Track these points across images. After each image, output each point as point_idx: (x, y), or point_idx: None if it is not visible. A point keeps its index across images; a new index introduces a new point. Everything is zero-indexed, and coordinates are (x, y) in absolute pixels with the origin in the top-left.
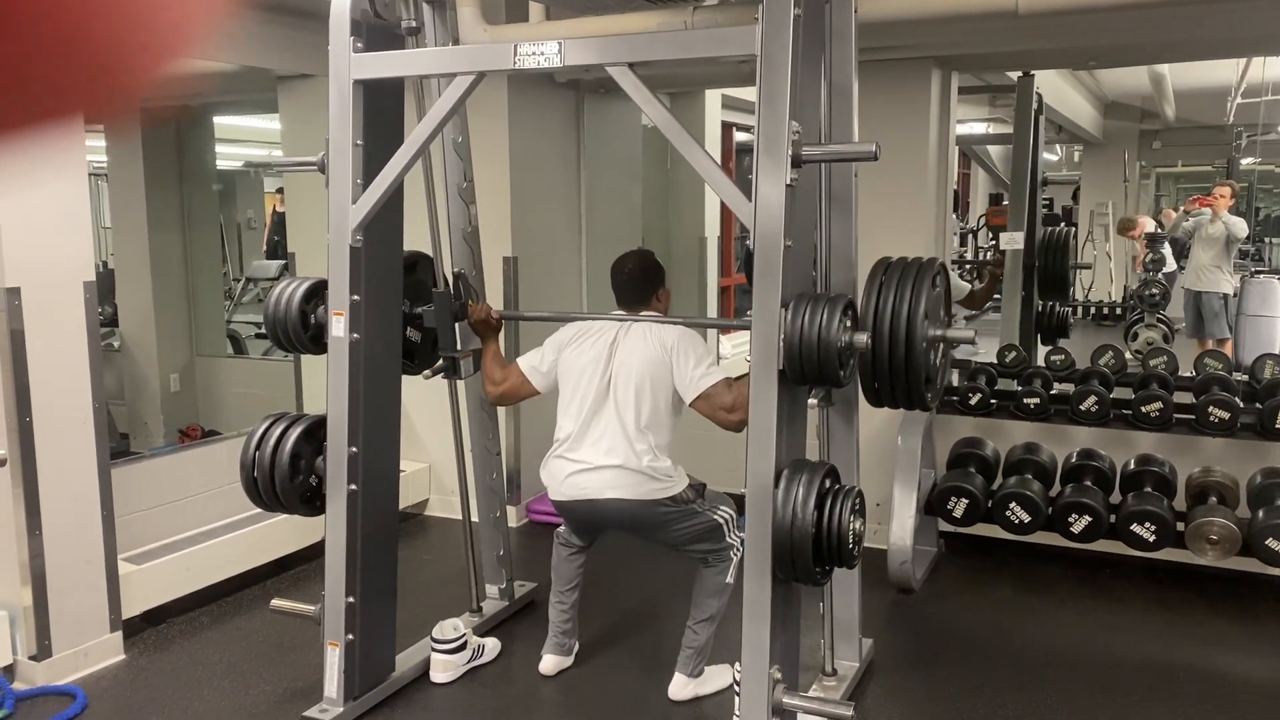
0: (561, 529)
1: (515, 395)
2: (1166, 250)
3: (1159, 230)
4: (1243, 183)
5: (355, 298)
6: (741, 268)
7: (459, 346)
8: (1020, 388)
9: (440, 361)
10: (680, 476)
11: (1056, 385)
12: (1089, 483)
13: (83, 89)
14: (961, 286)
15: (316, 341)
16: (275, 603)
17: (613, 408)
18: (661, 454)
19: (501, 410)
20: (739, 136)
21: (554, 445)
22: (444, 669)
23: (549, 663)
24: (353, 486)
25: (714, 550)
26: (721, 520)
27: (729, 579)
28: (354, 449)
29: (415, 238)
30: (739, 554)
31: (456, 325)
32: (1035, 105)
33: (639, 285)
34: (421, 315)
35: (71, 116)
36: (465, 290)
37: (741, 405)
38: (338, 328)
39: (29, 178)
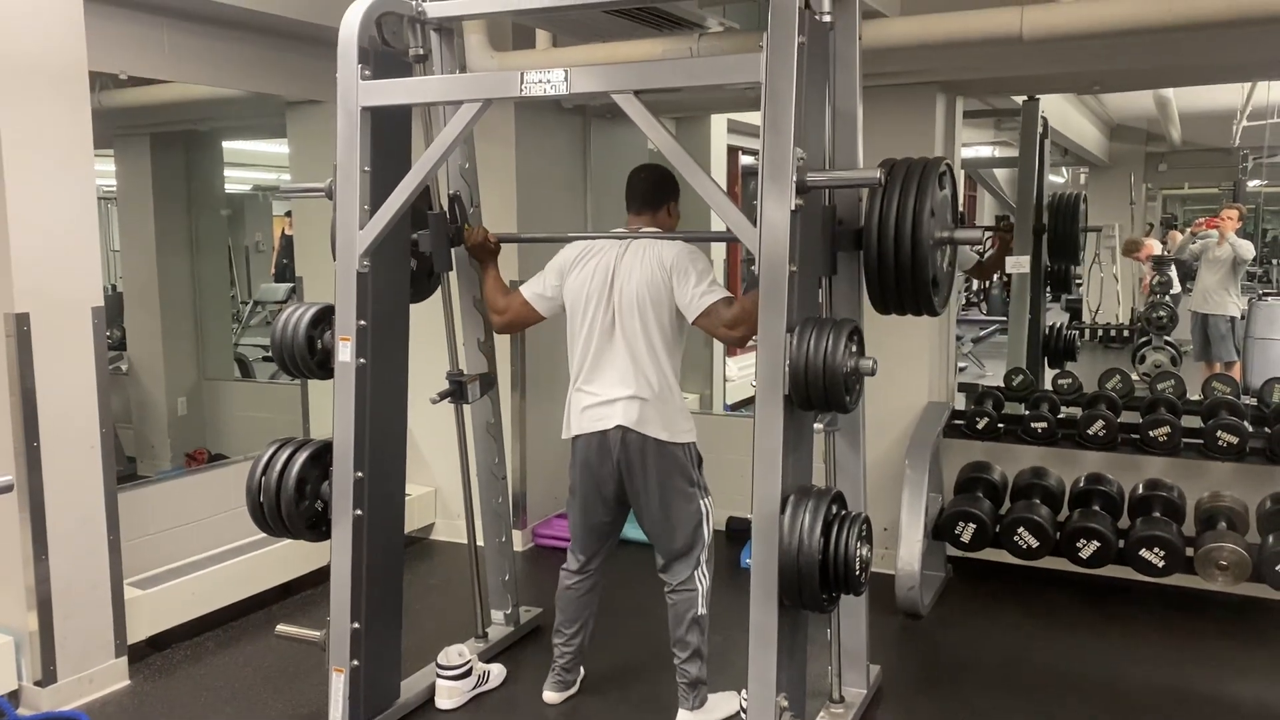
0: (566, 563)
1: (521, 323)
2: (1173, 272)
3: (1165, 253)
4: (1249, 205)
5: (362, 323)
6: (747, 291)
7: (452, 267)
8: (1028, 411)
9: (446, 385)
10: (690, 427)
11: (1064, 409)
12: (1097, 507)
13: None
14: (969, 256)
15: (323, 367)
16: (280, 628)
17: (620, 337)
18: (674, 383)
19: (508, 434)
20: (745, 160)
21: (571, 383)
22: (449, 695)
23: (551, 697)
24: (358, 511)
25: (679, 557)
26: (704, 511)
27: (701, 610)
28: (360, 474)
29: None
30: (706, 581)
31: (454, 251)
32: (1040, 129)
33: (654, 188)
34: (417, 240)
35: None
36: (461, 213)
37: (744, 320)
38: (344, 353)
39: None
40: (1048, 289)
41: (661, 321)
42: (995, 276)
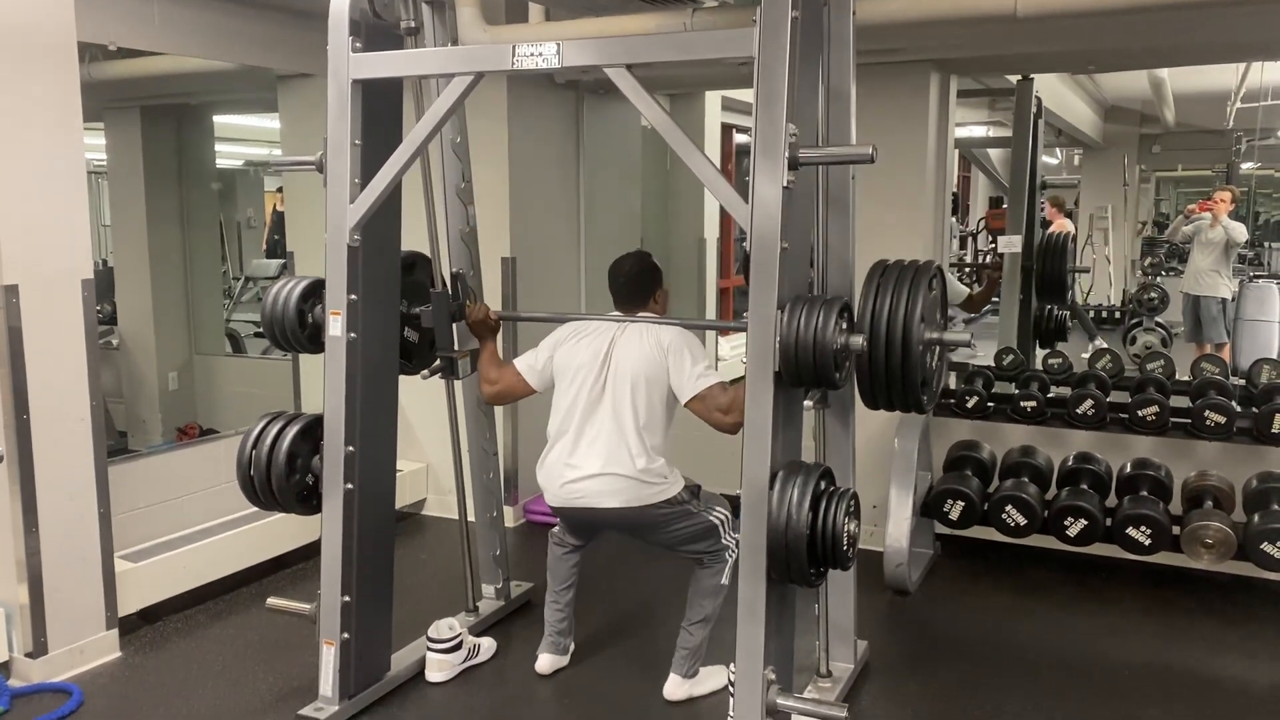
0: (556, 529)
1: (511, 394)
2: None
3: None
4: (1242, 187)
5: (353, 297)
6: (741, 269)
7: (456, 347)
8: (1017, 391)
9: (438, 361)
10: (676, 478)
11: (1054, 389)
12: (1085, 486)
13: None
14: (959, 290)
15: (314, 341)
16: (271, 601)
17: (608, 408)
18: (656, 455)
19: (499, 410)
20: (739, 138)
21: (548, 444)
22: (439, 668)
23: (545, 662)
24: (349, 486)
25: (709, 551)
26: (717, 521)
27: (724, 580)
28: (351, 448)
29: (413, 238)
30: (734, 555)
31: (454, 326)
32: (1035, 109)
33: (636, 287)
34: (419, 315)
35: None
36: (463, 290)
37: (737, 408)
38: (335, 327)
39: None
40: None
41: (652, 398)
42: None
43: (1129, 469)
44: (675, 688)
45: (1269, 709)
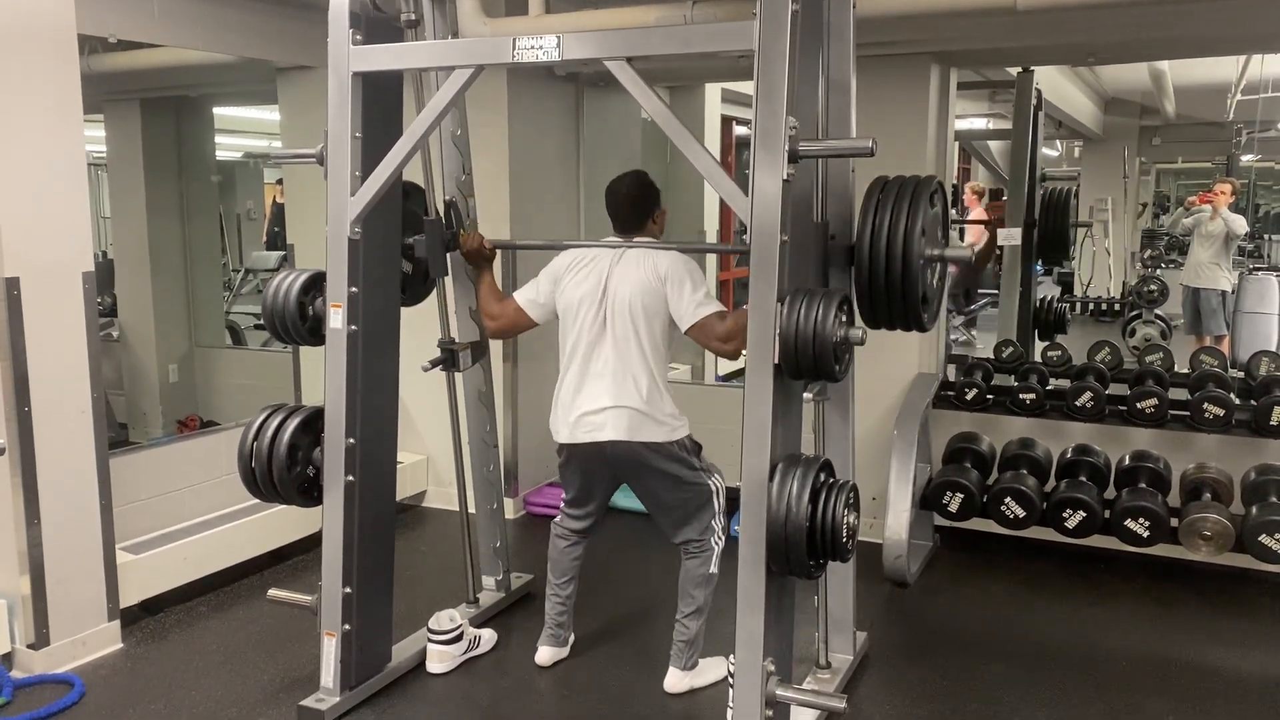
0: (558, 519)
1: (514, 328)
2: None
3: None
4: (1242, 179)
5: (353, 289)
6: (741, 261)
7: (448, 273)
8: (1017, 383)
9: (438, 353)
10: (682, 423)
11: (1053, 381)
12: (1084, 478)
13: None
14: (959, 245)
15: (314, 333)
16: (272, 593)
17: (610, 342)
18: (663, 387)
19: (499, 402)
20: (739, 130)
21: (558, 383)
22: (440, 660)
23: (544, 654)
24: (350, 478)
25: (696, 538)
26: (713, 488)
27: (713, 569)
28: (351, 440)
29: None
30: (721, 543)
31: (449, 255)
32: (1035, 101)
33: (636, 207)
34: (413, 245)
35: None
36: (457, 219)
37: (736, 334)
38: (335, 319)
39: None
40: (1039, 262)
41: (653, 328)
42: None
43: (1128, 461)
44: (675, 680)
45: (1266, 699)
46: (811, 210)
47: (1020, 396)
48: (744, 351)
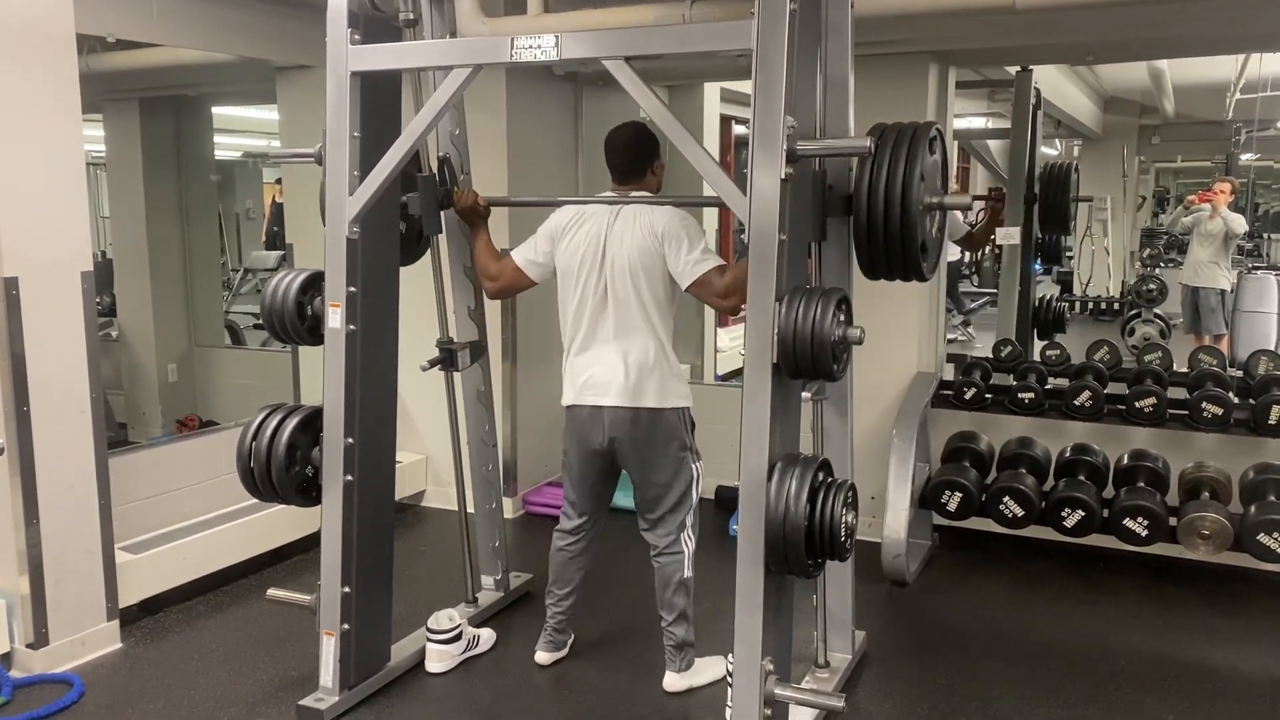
0: (559, 524)
1: (513, 288)
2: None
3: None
4: (1241, 178)
5: (352, 289)
6: (739, 260)
7: (442, 230)
8: (1015, 382)
9: (436, 353)
10: (685, 389)
11: (1052, 380)
12: (1082, 477)
13: None
14: (959, 225)
15: (313, 333)
16: (271, 592)
17: (612, 305)
18: (668, 349)
19: (498, 401)
20: (737, 130)
21: (565, 351)
22: (439, 659)
23: (542, 659)
24: (349, 477)
25: (671, 516)
26: (695, 474)
27: (687, 573)
28: (350, 440)
29: None
30: (692, 544)
31: (443, 214)
32: (1033, 100)
33: (634, 155)
34: (407, 203)
35: None
36: (450, 176)
37: (736, 289)
38: (334, 319)
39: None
40: (1038, 259)
41: (655, 288)
42: (986, 249)
43: (1126, 460)
44: (674, 682)
45: (1264, 698)
46: (810, 209)
47: (1019, 396)
48: (744, 307)
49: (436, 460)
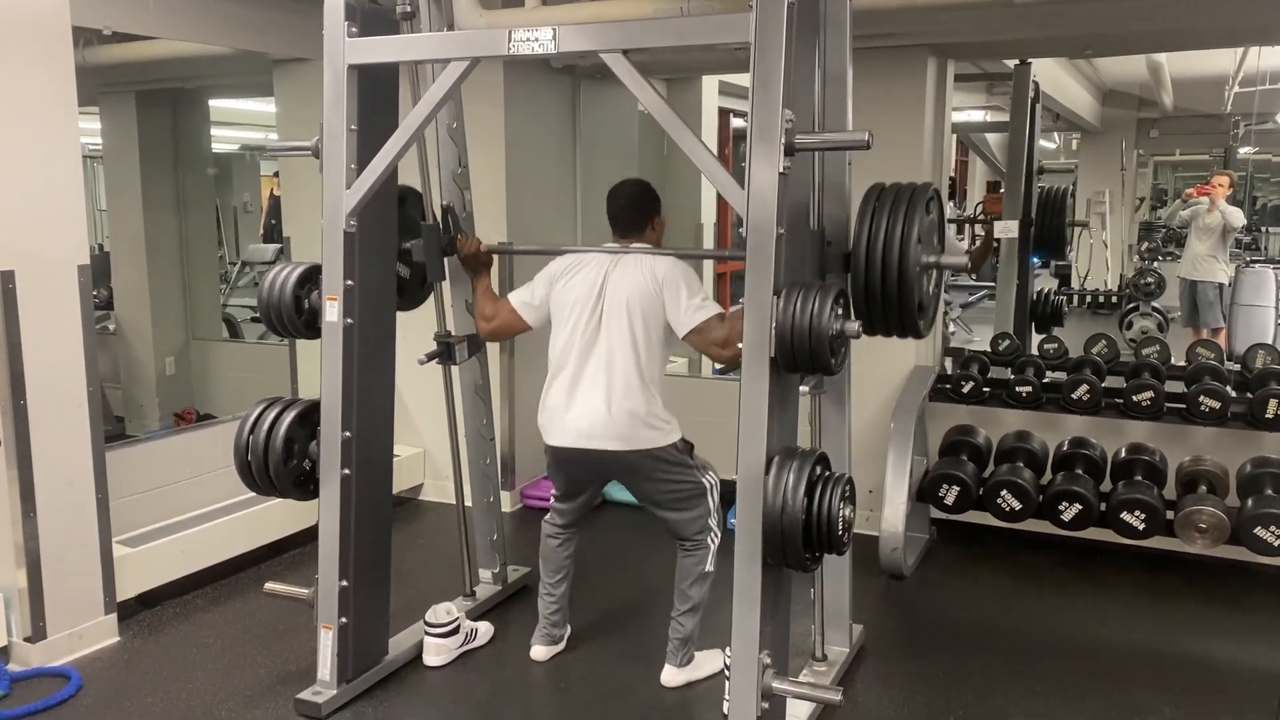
0: (549, 516)
1: (508, 331)
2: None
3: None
4: (1240, 172)
5: (349, 282)
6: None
7: (445, 278)
8: (1013, 376)
9: (438, 343)
10: (674, 426)
11: (1049, 374)
12: (1080, 471)
13: None
14: (956, 248)
15: (310, 326)
16: (269, 586)
17: (604, 345)
18: (656, 394)
19: (496, 395)
20: (736, 123)
21: (547, 382)
22: (437, 653)
23: (538, 653)
24: (346, 471)
25: (694, 534)
26: (708, 485)
27: (709, 567)
28: (347, 433)
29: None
30: (717, 540)
31: (446, 260)
32: (1032, 93)
33: (636, 211)
34: (410, 250)
35: None
36: (454, 224)
37: (735, 340)
38: (331, 313)
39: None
40: (1036, 257)
41: (649, 332)
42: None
43: (1124, 454)
44: (672, 676)
45: (1260, 690)
46: (808, 206)
47: (1017, 389)
48: (741, 360)
49: (434, 454)
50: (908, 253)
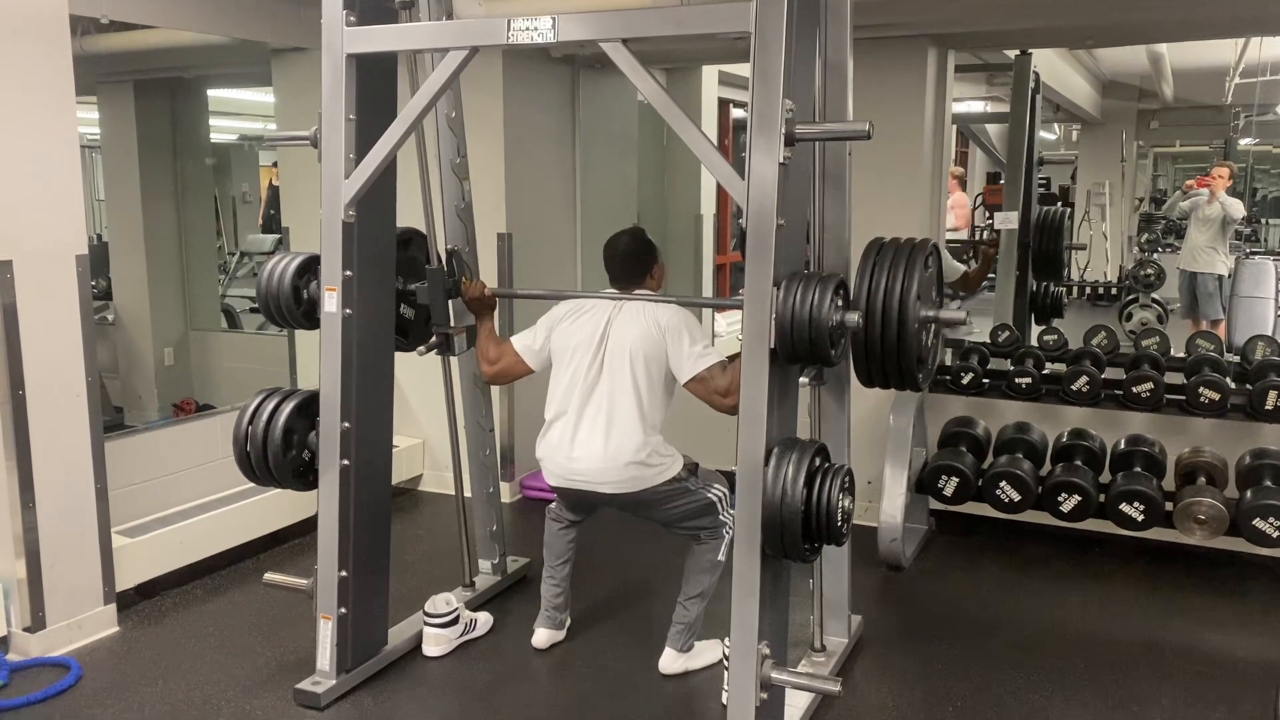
0: (554, 505)
1: (510, 374)
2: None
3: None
4: (1240, 163)
5: (348, 273)
6: (737, 246)
7: (452, 324)
8: (1012, 367)
9: (434, 337)
10: (676, 458)
11: (1049, 365)
12: (1079, 462)
13: None
14: (955, 267)
15: (309, 317)
16: (268, 576)
17: (606, 389)
18: (655, 434)
19: (495, 386)
20: (736, 113)
21: (546, 424)
22: (436, 643)
23: (541, 637)
24: (345, 461)
25: (707, 528)
26: (715, 498)
27: (721, 556)
28: (347, 424)
29: (409, 214)
30: (731, 533)
31: (450, 302)
32: (1032, 84)
33: (632, 264)
34: (415, 292)
35: None
36: (459, 267)
37: (736, 388)
38: (330, 303)
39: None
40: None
41: (651, 376)
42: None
43: (1123, 445)
44: (670, 661)
45: (1258, 681)
46: (808, 197)
47: (1016, 380)
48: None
49: (434, 444)
50: (908, 308)
